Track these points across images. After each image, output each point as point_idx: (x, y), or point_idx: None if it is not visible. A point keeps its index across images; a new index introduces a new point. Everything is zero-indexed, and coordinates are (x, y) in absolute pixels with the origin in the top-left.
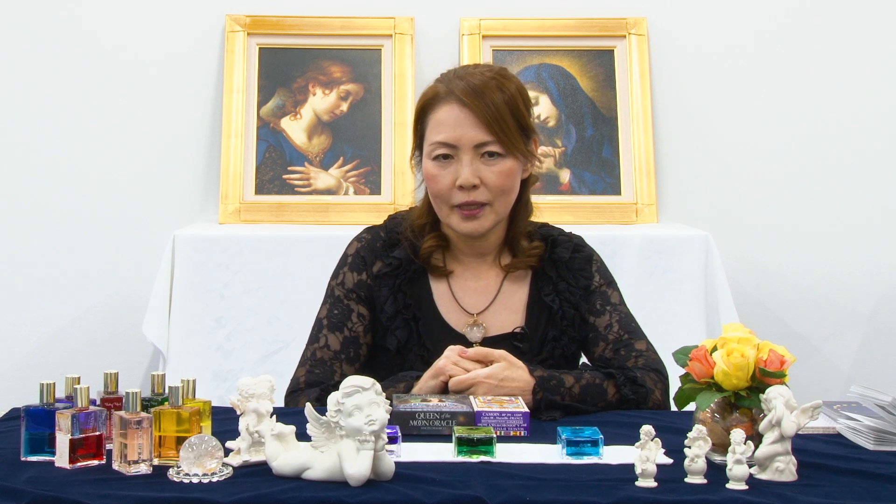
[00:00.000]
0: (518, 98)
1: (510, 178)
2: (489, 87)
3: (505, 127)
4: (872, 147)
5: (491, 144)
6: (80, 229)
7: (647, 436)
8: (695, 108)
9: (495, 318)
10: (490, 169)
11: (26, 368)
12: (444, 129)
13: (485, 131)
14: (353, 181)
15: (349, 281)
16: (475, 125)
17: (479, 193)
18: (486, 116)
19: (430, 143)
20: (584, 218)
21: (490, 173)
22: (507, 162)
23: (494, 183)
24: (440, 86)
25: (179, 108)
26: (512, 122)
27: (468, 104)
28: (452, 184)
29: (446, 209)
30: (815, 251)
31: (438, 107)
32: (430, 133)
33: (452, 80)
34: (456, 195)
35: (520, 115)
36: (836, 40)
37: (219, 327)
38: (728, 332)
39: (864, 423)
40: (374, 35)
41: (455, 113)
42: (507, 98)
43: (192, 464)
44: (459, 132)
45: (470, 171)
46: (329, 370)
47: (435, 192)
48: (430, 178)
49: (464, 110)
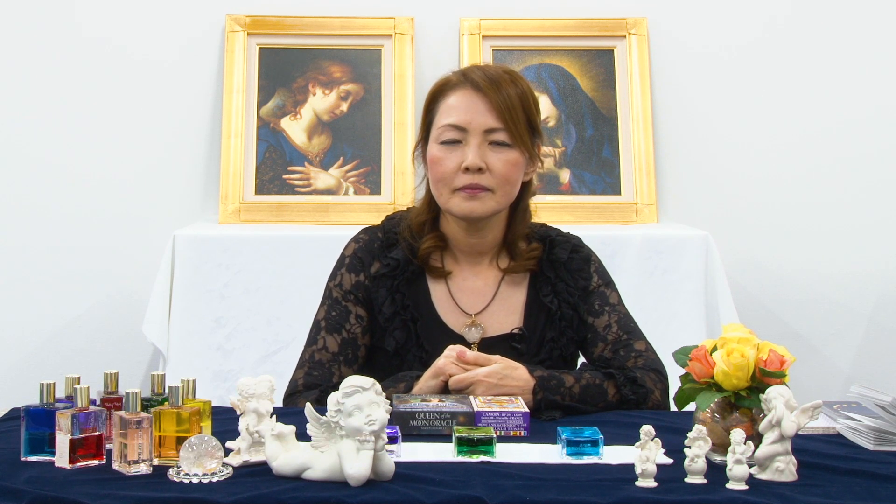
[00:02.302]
0: (529, 97)
1: (515, 168)
2: (504, 80)
3: (515, 118)
4: (872, 147)
5: (500, 132)
6: (81, 229)
7: (647, 436)
8: (695, 108)
9: (493, 319)
10: (497, 156)
11: (26, 368)
12: (455, 113)
13: (496, 118)
14: (353, 181)
15: (347, 282)
16: (487, 111)
17: (483, 178)
18: (498, 104)
19: (439, 126)
20: (584, 218)
21: (496, 160)
22: (514, 153)
23: (500, 170)
24: (453, 75)
25: (179, 108)
26: (522, 115)
27: (483, 89)
28: (458, 167)
29: (447, 193)
30: (815, 251)
31: (451, 92)
32: (440, 117)
33: (468, 70)
34: (460, 178)
35: (530, 111)
36: (836, 40)
37: (219, 327)
38: (728, 332)
39: (864, 423)
40: (374, 35)
41: (468, 97)
42: (521, 93)
43: (192, 464)
44: (470, 116)
45: (477, 153)
46: (327, 372)
47: (439, 175)
48: (436, 162)
49: (477, 94)
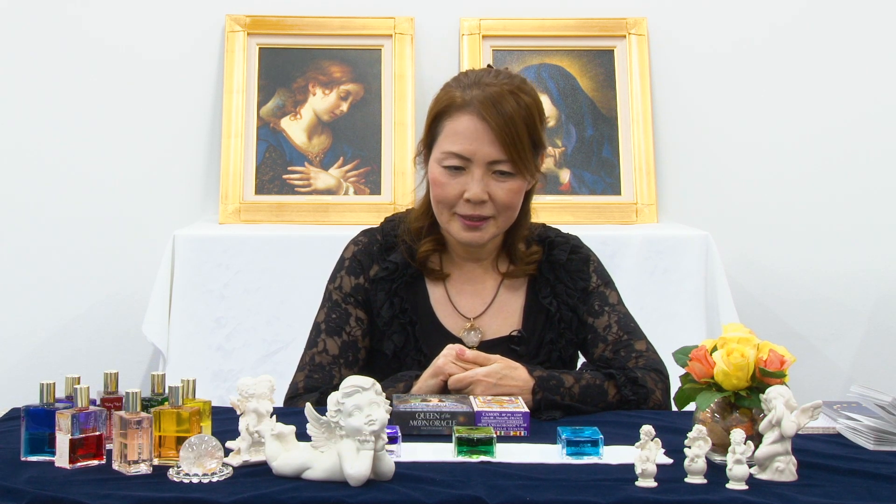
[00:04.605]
0: (534, 112)
1: (517, 195)
2: (506, 100)
3: (519, 145)
4: (872, 147)
5: (503, 164)
6: (81, 229)
7: (647, 436)
8: (695, 108)
9: (492, 322)
10: (500, 185)
11: (26, 368)
12: (458, 141)
13: (499, 150)
14: (353, 181)
15: (346, 285)
16: (491, 141)
17: (485, 208)
18: (501, 133)
19: (443, 150)
20: (584, 218)
21: (499, 189)
22: (517, 181)
23: (502, 199)
24: (457, 93)
25: (179, 108)
26: (526, 139)
27: (485, 118)
28: (460, 195)
29: (447, 215)
30: (815, 251)
31: (456, 115)
32: (444, 141)
33: (470, 87)
34: (462, 206)
35: (534, 129)
36: (836, 40)
37: (219, 327)
38: (728, 332)
39: (864, 423)
40: (374, 35)
41: (472, 125)
42: (524, 114)
43: (192, 464)
44: (475, 147)
45: (480, 186)
46: (328, 375)
47: (440, 198)
48: (438, 185)
49: (481, 123)
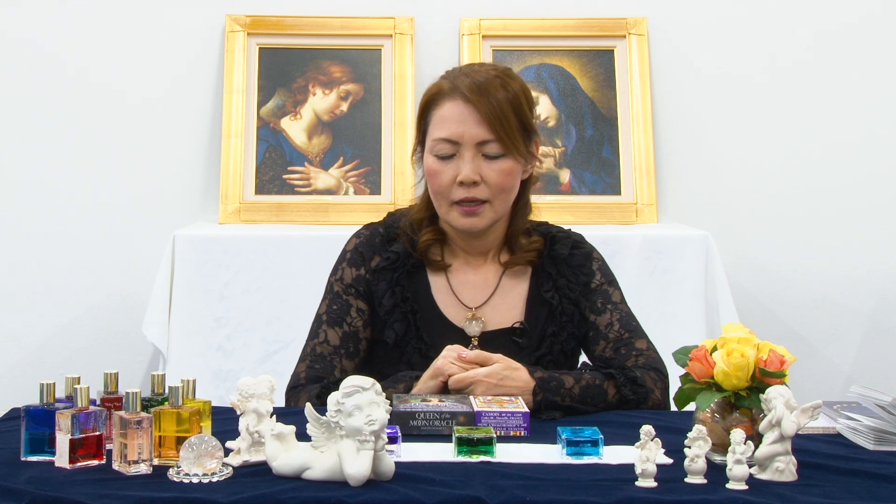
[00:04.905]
0: (521, 97)
1: (510, 177)
2: (493, 85)
3: (507, 126)
4: (872, 147)
5: (492, 144)
6: (81, 229)
7: (647, 436)
8: (695, 109)
9: (494, 313)
10: (491, 167)
11: (26, 368)
12: (446, 126)
13: (487, 129)
14: (353, 181)
15: (347, 276)
16: (478, 122)
17: (479, 190)
18: (488, 114)
19: (433, 138)
20: (585, 218)
21: (491, 171)
22: (508, 162)
23: (494, 181)
24: (444, 82)
25: (179, 107)
26: (514, 121)
27: (472, 101)
28: (453, 180)
29: (446, 206)
30: (815, 251)
31: (442, 103)
32: (433, 129)
33: (457, 76)
34: (456, 191)
35: (522, 114)
36: (837, 40)
37: (219, 327)
38: (728, 332)
39: (864, 423)
40: (374, 35)
41: (458, 109)
42: (511, 97)
43: (192, 464)
44: (462, 129)
45: (471, 167)
46: (329, 365)
47: (436, 188)
48: (432, 174)
49: (467, 107)
